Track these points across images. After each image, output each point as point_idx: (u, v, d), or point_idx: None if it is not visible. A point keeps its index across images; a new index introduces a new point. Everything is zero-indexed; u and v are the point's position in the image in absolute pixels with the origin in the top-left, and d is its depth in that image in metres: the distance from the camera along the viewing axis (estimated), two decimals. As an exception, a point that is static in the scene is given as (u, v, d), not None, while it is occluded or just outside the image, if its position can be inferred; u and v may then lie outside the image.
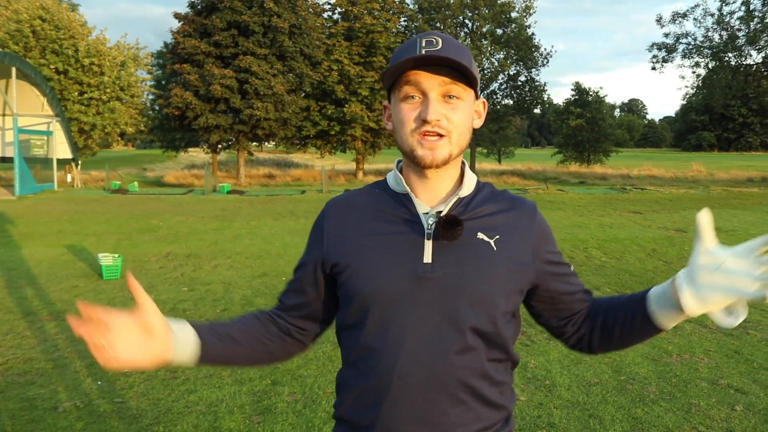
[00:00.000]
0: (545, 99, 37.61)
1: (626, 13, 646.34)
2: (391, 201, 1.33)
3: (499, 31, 35.32)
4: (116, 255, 8.21)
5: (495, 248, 1.27)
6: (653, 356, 5.20)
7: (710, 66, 28.71)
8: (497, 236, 1.29)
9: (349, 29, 32.27)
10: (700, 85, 30.52)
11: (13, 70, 19.16)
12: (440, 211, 1.28)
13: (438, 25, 34.87)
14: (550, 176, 33.72)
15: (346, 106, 31.06)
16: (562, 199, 19.20)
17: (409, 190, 1.31)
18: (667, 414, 4.07)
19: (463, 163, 1.36)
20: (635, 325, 1.30)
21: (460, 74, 1.23)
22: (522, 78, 36.27)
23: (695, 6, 29.05)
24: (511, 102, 37.35)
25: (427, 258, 1.24)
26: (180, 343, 1.23)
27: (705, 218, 1.14)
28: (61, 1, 32.86)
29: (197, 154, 53.14)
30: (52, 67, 27.82)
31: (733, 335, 5.80)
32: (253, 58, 27.91)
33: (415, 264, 1.24)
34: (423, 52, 1.20)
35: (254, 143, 33.56)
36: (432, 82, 1.22)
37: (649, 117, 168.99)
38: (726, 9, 28.24)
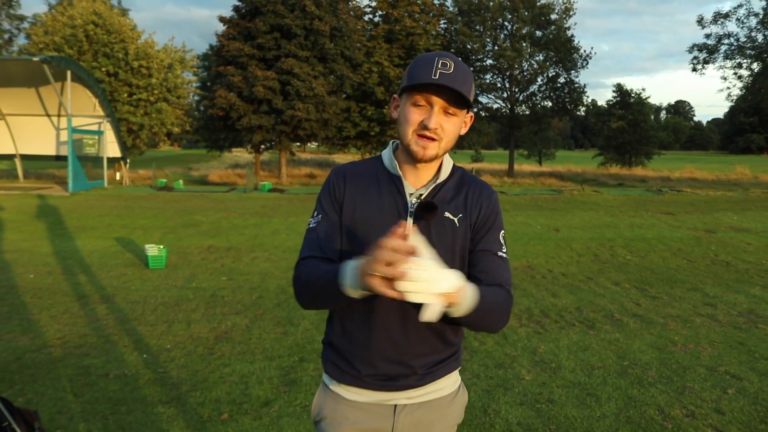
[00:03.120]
0: (584, 101, 37.41)
1: (671, 13, 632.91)
2: (386, 178, 1.69)
3: (539, 33, 35.34)
4: (161, 246, 8.80)
5: (457, 225, 1.66)
6: (659, 345, 5.49)
7: (753, 67, 28.28)
8: (460, 215, 1.67)
9: (390, 32, 32.73)
10: (749, 85, 30.03)
11: (68, 73, 20.10)
12: (422, 194, 1.66)
13: (478, 27, 35.07)
14: (589, 178, 33.60)
15: (386, 107, 31.52)
16: (595, 200, 19.29)
17: (401, 173, 1.68)
18: (661, 395, 4.38)
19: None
20: None
21: (461, 100, 1.57)
22: (561, 79, 36.20)
23: (738, 6, 28.72)
24: (550, 104, 37.27)
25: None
26: None
27: None
28: (112, 6, 34.14)
29: (241, 154, 54.25)
30: (103, 69, 28.97)
31: (742, 329, 6.04)
32: (295, 60, 28.56)
33: None
34: (438, 75, 1.52)
35: (296, 144, 34.24)
36: (439, 100, 1.56)
37: (696, 119, 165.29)
38: (772, 9, 27.79)
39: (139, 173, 30.28)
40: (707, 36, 30.25)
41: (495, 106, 38.45)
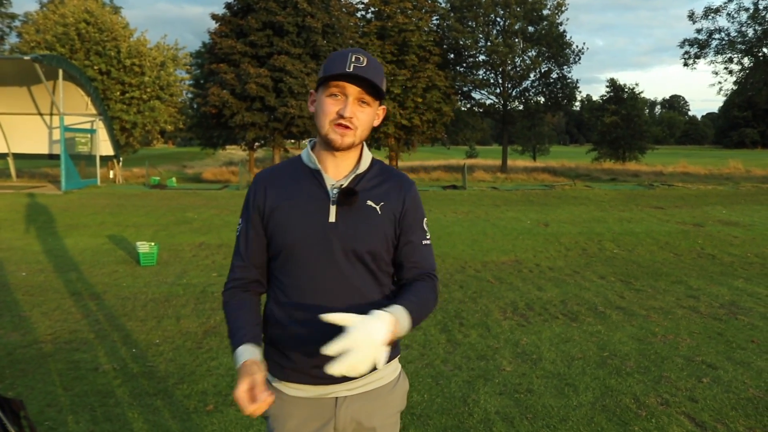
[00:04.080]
0: (577, 96, 37.57)
1: (665, 8, 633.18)
2: (306, 174, 1.78)
3: (531, 29, 35.42)
4: (152, 243, 8.87)
5: (380, 212, 1.76)
6: (639, 336, 5.60)
7: (744, 62, 28.45)
8: (382, 203, 1.77)
9: (382, 28, 32.81)
10: (741, 80, 30.18)
11: (60, 71, 20.11)
12: (342, 185, 1.75)
13: (470, 23, 35.15)
14: (582, 173, 33.77)
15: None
16: (586, 195, 19.42)
17: (320, 167, 1.76)
18: (638, 384, 4.49)
19: (362, 146, 1.82)
20: None
21: (373, 90, 1.69)
22: (554, 75, 36.33)
23: (729, 1, 28.82)
24: (543, 99, 37.39)
25: (332, 218, 1.72)
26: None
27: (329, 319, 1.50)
28: (104, 4, 34.10)
29: (235, 152, 54.30)
30: (95, 68, 28.96)
31: (722, 320, 6.15)
32: (287, 58, 28.61)
33: (324, 222, 1.72)
34: (352, 68, 1.64)
35: (290, 140, 34.29)
36: (353, 90, 1.67)
37: (691, 113, 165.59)
38: (762, 3, 27.99)
39: (133, 171, 30.31)
40: (698, 31, 30.45)
41: (488, 101, 38.60)
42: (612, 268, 8.73)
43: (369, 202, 1.76)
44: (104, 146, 24.16)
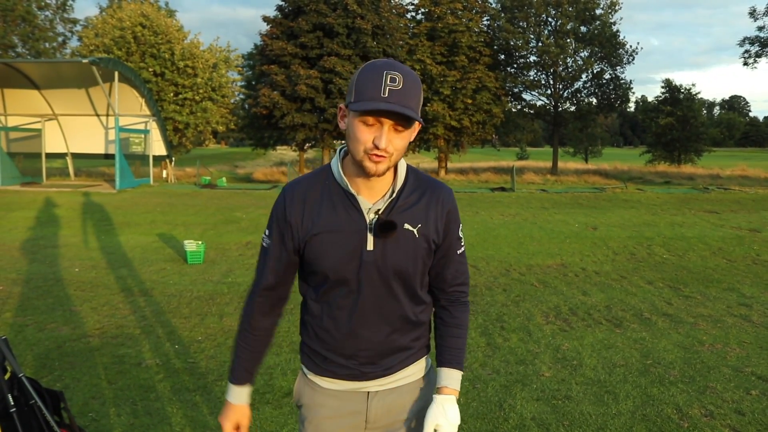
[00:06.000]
0: (631, 97, 36.73)
1: (724, 5, 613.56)
2: (340, 194, 1.71)
3: (583, 29, 34.80)
4: (200, 242, 9.06)
5: (417, 235, 1.73)
6: (685, 345, 5.44)
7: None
8: (419, 225, 1.73)
9: (432, 29, 32.72)
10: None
11: (116, 74, 20.71)
12: (379, 209, 1.69)
13: (521, 23, 34.76)
14: (634, 176, 33.00)
15: (429, 105, 31.54)
16: (638, 198, 18.97)
17: (354, 190, 1.69)
18: (681, 394, 4.36)
19: None
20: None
21: (409, 119, 1.58)
22: (606, 76, 35.61)
23: (793, -2, 27.71)
24: (595, 100, 36.69)
25: (370, 246, 1.69)
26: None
27: None
28: (159, 8, 34.98)
29: (286, 152, 55.01)
30: (150, 70, 29.73)
31: (775, 329, 5.93)
32: (337, 59, 28.81)
33: (361, 250, 1.69)
34: (387, 92, 1.52)
35: (340, 141, 34.57)
36: (388, 119, 1.57)
37: (752, 114, 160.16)
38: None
39: (186, 171, 30.98)
40: (760, 28, 29.38)
41: (539, 103, 38.09)
42: (661, 273, 8.50)
43: (406, 226, 1.72)
44: (157, 146, 24.76)
